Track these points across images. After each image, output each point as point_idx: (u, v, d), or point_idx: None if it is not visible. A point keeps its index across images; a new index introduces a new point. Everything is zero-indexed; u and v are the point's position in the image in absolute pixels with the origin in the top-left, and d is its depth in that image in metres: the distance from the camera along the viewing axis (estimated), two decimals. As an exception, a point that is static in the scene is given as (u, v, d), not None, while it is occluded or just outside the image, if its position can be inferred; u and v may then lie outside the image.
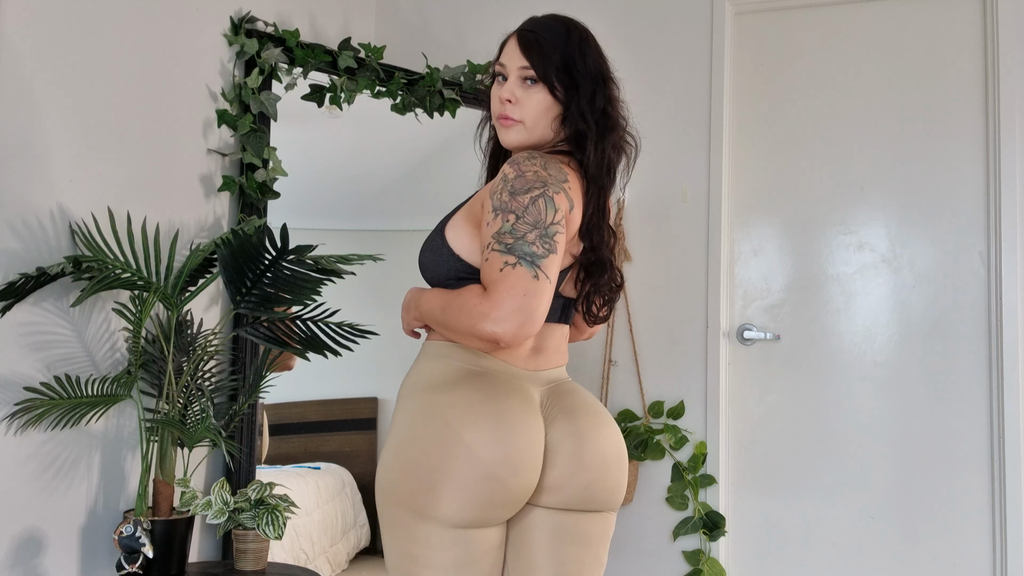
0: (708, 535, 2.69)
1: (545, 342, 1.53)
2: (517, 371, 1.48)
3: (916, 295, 2.66)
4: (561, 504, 1.46)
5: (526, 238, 1.36)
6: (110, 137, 2.18)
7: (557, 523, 1.47)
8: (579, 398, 1.52)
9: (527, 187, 1.39)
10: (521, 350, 1.48)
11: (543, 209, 1.38)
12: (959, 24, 2.67)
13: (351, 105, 2.67)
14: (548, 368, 1.53)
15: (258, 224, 2.30)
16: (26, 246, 1.97)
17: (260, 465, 2.94)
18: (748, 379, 2.78)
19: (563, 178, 1.44)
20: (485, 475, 1.35)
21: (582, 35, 1.61)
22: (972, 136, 2.63)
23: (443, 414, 1.39)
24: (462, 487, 1.36)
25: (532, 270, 1.35)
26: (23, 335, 1.98)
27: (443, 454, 1.36)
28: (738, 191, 2.84)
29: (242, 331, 2.27)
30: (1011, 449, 2.49)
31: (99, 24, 2.15)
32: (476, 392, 1.41)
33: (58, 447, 2.05)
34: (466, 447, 1.35)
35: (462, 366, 1.46)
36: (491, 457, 1.36)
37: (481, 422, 1.37)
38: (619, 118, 1.56)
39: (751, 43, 2.87)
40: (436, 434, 1.38)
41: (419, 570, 1.40)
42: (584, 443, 1.45)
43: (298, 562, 2.80)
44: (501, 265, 1.35)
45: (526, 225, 1.37)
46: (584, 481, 1.45)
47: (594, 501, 1.47)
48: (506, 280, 1.34)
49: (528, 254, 1.35)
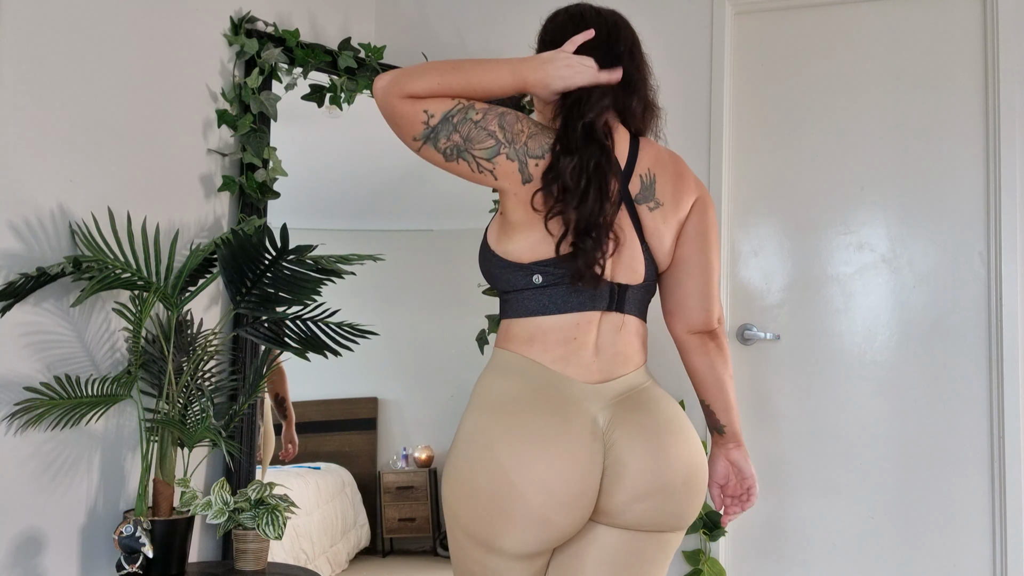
0: (708, 535, 2.69)
1: (606, 341, 1.44)
2: (579, 388, 1.39)
3: (916, 295, 2.66)
4: (619, 524, 1.40)
5: (490, 129, 1.38)
6: (110, 137, 2.18)
7: (613, 541, 1.41)
8: (650, 414, 1.41)
9: (511, 114, 1.43)
10: (581, 360, 1.41)
11: (521, 127, 1.40)
12: (959, 24, 2.67)
13: (351, 105, 2.67)
14: (615, 378, 1.43)
15: (258, 224, 2.30)
16: (26, 246, 1.98)
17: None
18: (748, 379, 2.78)
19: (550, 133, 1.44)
20: (536, 519, 1.32)
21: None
22: (972, 136, 2.63)
23: (494, 446, 1.34)
24: (515, 526, 1.33)
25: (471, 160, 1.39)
26: (23, 335, 1.98)
27: (495, 491, 1.33)
28: (738, 191, 2.84)
29: (242, 331, 2.27)
30: (1011, 449, 2.49)
31: (99, 24, 2.16)
32: (530, 422, 1.34)
33: (58, 447, 2.05)
34: (517, 491, 1.31)
35: (521, 385, 1.39)
36: (540, 502, 1.32)
37: (530, 463, 1.32)
38: None
39: (751, 43, 2.87)
40: (489, 468, 1.33)
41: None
42: (646, 468, 1.36)
43: (298, 562, 2.80)
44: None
45: (491, 120, 1.39)
46: (644, 507, 1.38)
47: (654, 524, 1.40)
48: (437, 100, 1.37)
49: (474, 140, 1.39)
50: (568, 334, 1.41)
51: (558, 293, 1.41)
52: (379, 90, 1.37)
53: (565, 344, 1.40)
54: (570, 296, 1.41)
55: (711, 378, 1.54)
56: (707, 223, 1.53)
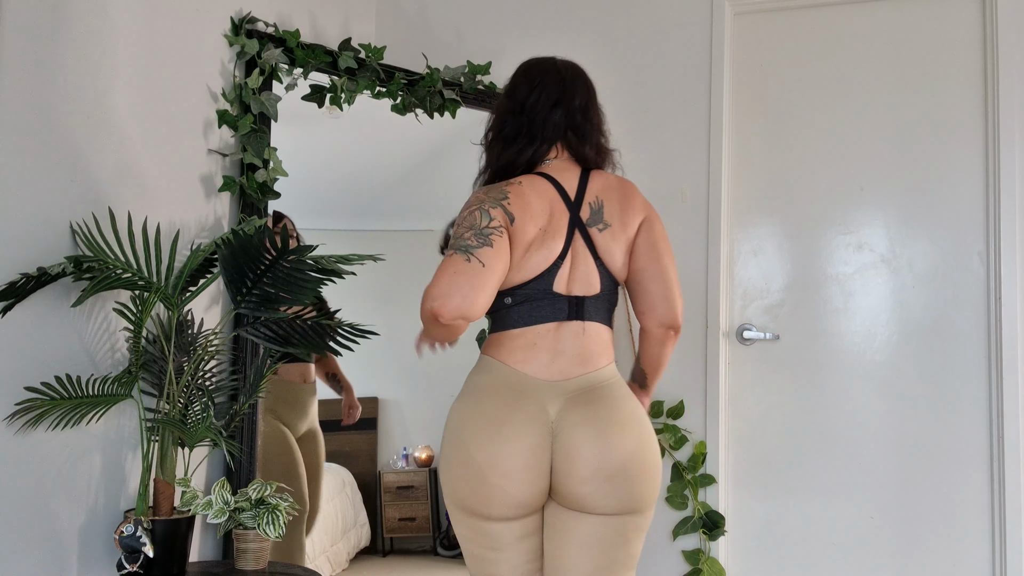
0: (708, 534, 2.69)
1: (566, 345, 1.70)
2: (535, 383, 1.66)
3: (916, 295, 2.66)
4: (585, 509, 1.63)
5: (464, 236, 1.64)
6: (111, 137, 2.18)
7: (587, 526, 1.64)
8: (601, 408, 1.64)
9: (467, 206, 1.72)
10: (540, 357, 1.68)
11: (479, 218, 1.66)
12: (959, 25, 2.68)
13: (351, 105, 2.67)
14: (573, 376, 1.67)
15: (258, 224, 2.30)
16: (27, 246, 1.98)
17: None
18: (748, 379, 2.79)
19: (503, 195, 1.70)
20: (490, 484, 1.59)
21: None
22: (972, 136, 2.64)
23: (459, 424, 1.65)
24: (479, 493, 1.61)
25: (465, 255, 1.61)
26: (24, 335, 1.98)
27: (465, 465, 1.61)
28: (738, 191, 2.84)
29: (243, 331, 2.28)
30: (1010, 448, 2.49)
31: (99, 24, 2.16)
32: (488, 406, 1.63)
33: (58, 447, 2.05)
34: (476, 463, 1.60)
35: (486, 379, 1.69)
36: (494, 473, 1.59)
37: (484, 432, 1.60)
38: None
39: (751, 43, 2.87)
40: (458, 446, 1.64)
41: (473, 548, 1.69)
42: (589, 455, 1.60)
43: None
44: (445, 255, 1.65)
45: (463, 228, 1.66)
46: (592, 490, 1.61)
47: (610, 507, 1.62)
48: (442, 264, 1.63)
49: (463, 245, 1.62)
50: (530, 340, 1.70)
51: (523, 310, 1.71)
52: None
53: (527, 349, 1.69)
54: (533, 311, 1.70)
55: (660, 359, 1.84)
56: (655, 236, 1.78)
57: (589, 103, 1.85)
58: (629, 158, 2.90)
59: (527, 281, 1.71)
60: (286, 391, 2.88)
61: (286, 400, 2.87)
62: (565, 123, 1.79)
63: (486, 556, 1.67)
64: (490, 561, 1.67)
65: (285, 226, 2.08)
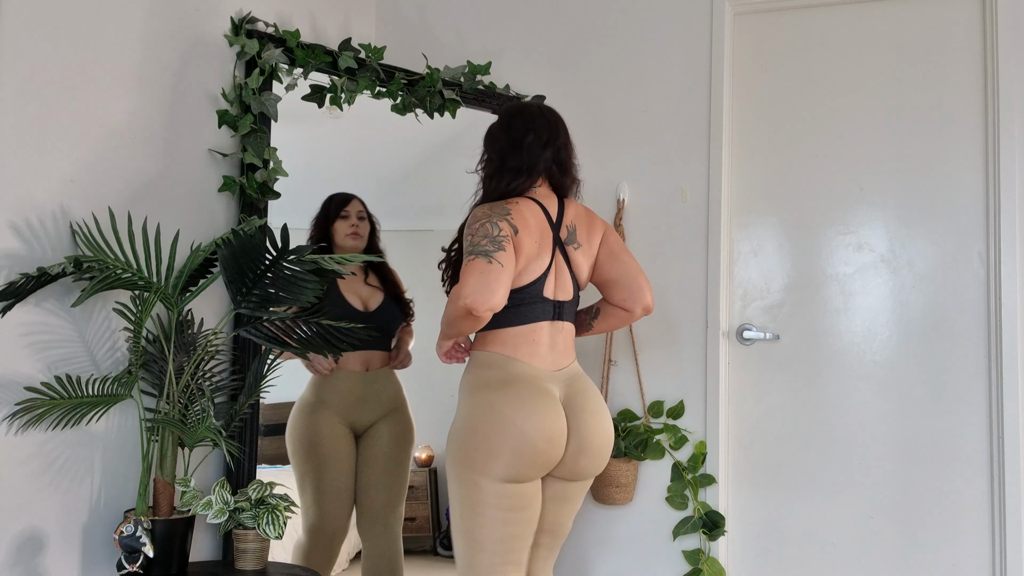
0: (708, 535, 2.70)
1: (555, 340, 2.08)
2: (542, 373, 2.03)
3: (916, 295, 2.66)
4: (563, 475, 2.05)
5: (481, 243, 1.96)
6: (111, 137, 2.18)
7: (558, 489, 2.08)
8: (589, 395, 2.07)
9: (475, 219, 2.04)
10: (540, 351, 2.05)
11: (490, 229, 1.99)
12: (959, 24, 2.68)
13: (351, 106, 2.67)
14: (564, 367, 2.09)
15: (258, 224, 2.30)
16: (27, 246, 1.98)
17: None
18: (748, 379, 2.79)
19: (506, 211, 2.04)
20: (537, 449, 1.95)
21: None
22: (971, 136, 2.64)
23: (499, 407, 1.97)
24: (524, 458, 1.94)
25: (486, 258, 1.93)
26: (24, 335, 1.98)
27: (502, 432, 1.94)
28: (738, 191, 2.84)
29: (243, 331, 2.28)
30: (1010, 448, 2.50)
31: (99, 24, 2.16)
32: (520, 391, 1.99)
33: (59, 447, 2.05)
34: (518, 428, 1.94)
35: (506, 372, 2.02)
36: (535, 434, 1.94)
37: (526, 410, 1.96)
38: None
39: (751, 43, 2.87)
40: (496, 419, 1.95)
41: (479, 509, 1.98)
42: (587, 433, 2.02)
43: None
44: (467, 260, 1.95)
45: (479, 236, 1.98)
46: (583, 461, 2.04)
47: (584, 475, 2.07)
48: (467, 266, 1.93)
49: (482, 250, 1.94)
50: (530, 336, 2.06)
51: (522, 310, 2.05)
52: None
53: (529, 344, 2.05)
54: (530, 311, 2.06)
55: (615, 328, 2.30)
56: (613, 244, 2.21)
57: (568, 141, 2.20)
58: (629, 158, 2.91)
59: (524, 286, 2.05)
60: (344, 381, 2.79)
61: (344, 392, 2.78)
62: (552, 158, 2.14)
63: (511, 517, 1.98)
64: (516, 521, 1.99)
65: (285, 225, 2.08)
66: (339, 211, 2.85)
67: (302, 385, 2.81)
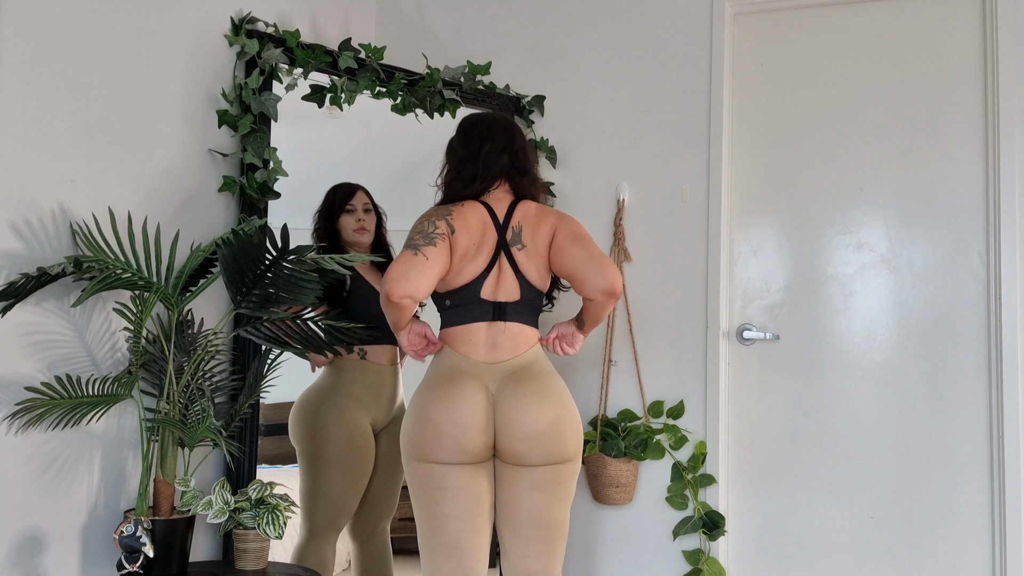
0: (708, 534, 2.70)
1: (496, 339, 2.13)
2: (476, 365, 2.10)
3: (916, 295, 2.66)
4: (509, 460, 2.09)
5: (414, 238, 2.06)
6: (111, 137, 2.18)
7: (516, 474, 2.10)
8: (529, 385, 2.09)
9: (419, 219, 2.15)
10: (478, 348, 2.12)
11: (426, 226, 2.08)
12: (959, 24, 2.68)
13: (351, 105, 2.67)
14: (506, 360, 2.12)
15: (258, 224, 2.30)
16: (27, 246, 1.98)
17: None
18: (748, 379, 2.79)
19: (447, 212, 2.13)
20: (443, 433, 2.03)
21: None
22: (971, 136, 2.64)
23: (420, 397, 2.09)
24: (434, 441, 2.04)
25: (413, 250, 2.02)
26: (24, 335, 1.98)
27: (426, 424, 2.05)
28: (738, 191, 2.84)
29: (243, 331, 2.28)
30: (1010, 448, 2.50)
31: (100, 24, 2.16)
32: (441, 385, 2.08)
33: (59, 447, 2.05)
34: (427, 414, 2.04)
35: (441, 365, 2.12)
36: (441, 418, 2.04)
37: (437, 397, 2.06)
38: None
39: (751, 43, 2.88)
40: (417, 408, 2.08)
41: (414, 492, 2.09)
42: (515, 420, 2.05)
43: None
44: (399, 253, 2.05)
45: (414, 232, 2.08)
46: (518, 447, 2.05)
47: (527, 459, 2.07)
48: (396, 257, 2.03)
49: (412, 244, 2.04)
50: (466, 336, 2.13)
51: (458, 312, 2.14)
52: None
53: (466, 343, 2.13)
54: (465, 313, 2.13)
55: (599, 317, 2.19)
56: (572, 230, 2.16)
57: (525, 145, 2.26)
58: (629, 158, 2.91)
59: (460, 287, 2.12)
60: (371, 374, 2.67)
61: (370, 385, 2.66)
62: (510, 162, 2.20)
63: (435, 496, 2.05)
64: (439, 500, 2.05)
65: (285, 225, 2.08)
66: (344, 204, 2.72)
67: (302, 385, 2.81)
